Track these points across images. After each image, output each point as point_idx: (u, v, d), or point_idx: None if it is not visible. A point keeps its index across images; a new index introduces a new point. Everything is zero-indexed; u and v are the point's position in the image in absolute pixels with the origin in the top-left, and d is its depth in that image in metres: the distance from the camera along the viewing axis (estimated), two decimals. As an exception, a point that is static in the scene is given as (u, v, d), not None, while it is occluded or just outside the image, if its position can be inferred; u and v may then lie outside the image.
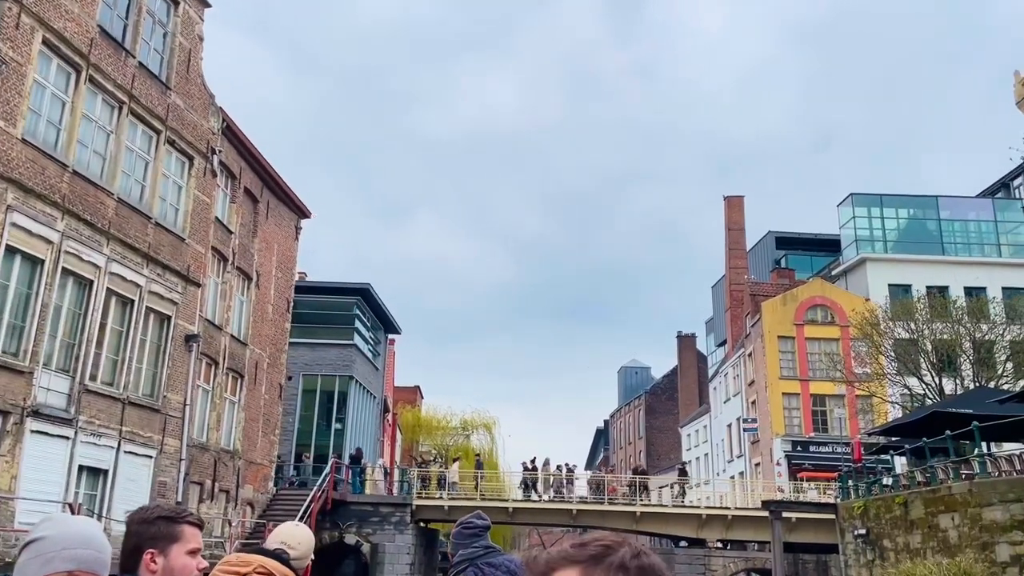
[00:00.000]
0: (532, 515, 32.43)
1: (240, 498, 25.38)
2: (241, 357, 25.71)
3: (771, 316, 41.83)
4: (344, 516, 30.74)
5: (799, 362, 41.20)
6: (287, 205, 29.53)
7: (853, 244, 43.91)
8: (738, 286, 51.01)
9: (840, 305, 41.77)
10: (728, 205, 52.85)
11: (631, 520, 31.78)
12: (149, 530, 2.19)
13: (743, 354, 46.17)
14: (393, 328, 44.42)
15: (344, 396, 36.94)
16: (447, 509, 31.52)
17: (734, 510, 31.94)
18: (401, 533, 30.74)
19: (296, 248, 30.50)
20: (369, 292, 38.21)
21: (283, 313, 29.39)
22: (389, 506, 31.12)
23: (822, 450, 39.56)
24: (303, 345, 37.10)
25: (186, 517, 2.27)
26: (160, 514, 2.25)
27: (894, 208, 44.55)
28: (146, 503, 7.02)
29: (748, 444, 44.63)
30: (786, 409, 40.75)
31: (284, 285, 29.50)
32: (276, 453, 28.76)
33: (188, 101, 22.05)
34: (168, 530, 2.20)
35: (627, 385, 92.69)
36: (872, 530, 22.84)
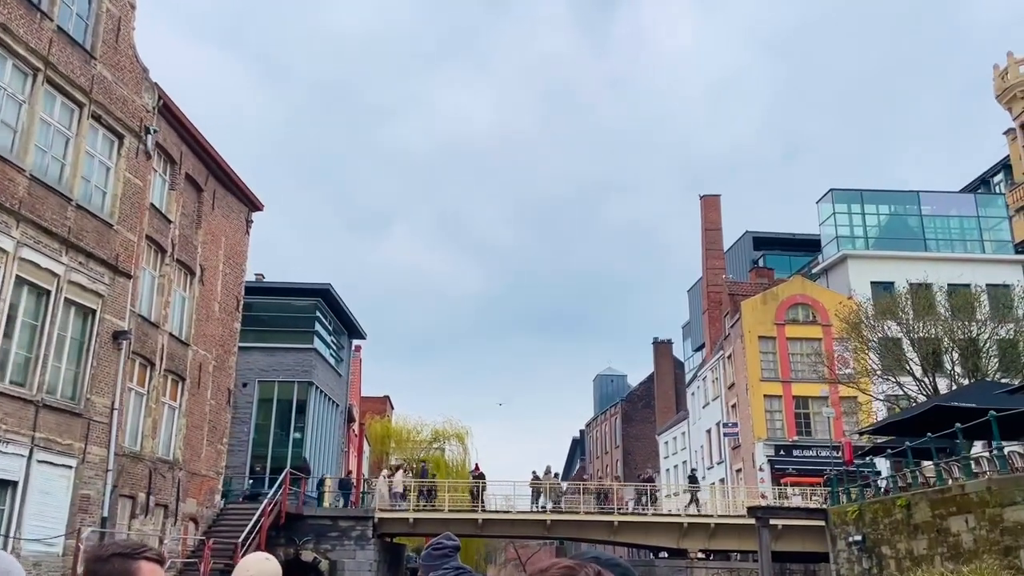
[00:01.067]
0: (504, 527, 30.43)
1: (181, 513, 23.13)
2: (182, 358, 23.52)
3: (751, 316, 40.28)
4: (300, 531, 28.59)
5: (781, 363, 39.66)
6: (236, 195, 27.43)
7: (834, 241, 42.57)
8: (716, 287, 49.50)
9: (822, 304, 40.34)
10: (704, 204, 51.42)
11: (608, 530, 29.91)
12: (103, 568, 2.08)
13: (722, 356, 44.58)
14: (358, 333, 42.25)
15: (304, 404, 34.70)
16: (412, 522, 29.49)
17: (717, 518, 30.17)
18: (362, 548, 28.62)
19: (247, 243, 28.37)
20: (330, 293, 36.08)
21: (232, 312, 27.23)
22: (349, 520, 28.99)
23: (806, 454, 37.98)
24: (259, 350, 34.90)
25: (143, 553, 2.15)
26: (115, 551, 2.13)
27: (874, 204, 43.33)
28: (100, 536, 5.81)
29: (729, 449, 42.96)
30: (768, 412, 39.16)
31: (233, 282, 27.35)
32: (224, 464, 26.51)
33: (117, 74, 19.96)
34: (124, 567, 2.08)
35: (603, 393, 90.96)
36: (869, 536, 21.13)
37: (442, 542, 3.90)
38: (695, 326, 60.93)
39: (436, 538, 3.96)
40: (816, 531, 29.01)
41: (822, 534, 28.23)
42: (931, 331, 32.47)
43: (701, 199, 51.76)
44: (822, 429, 38.90)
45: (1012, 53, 44.06)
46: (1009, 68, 44.21)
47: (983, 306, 34.31)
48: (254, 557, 3.08)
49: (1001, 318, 33.50)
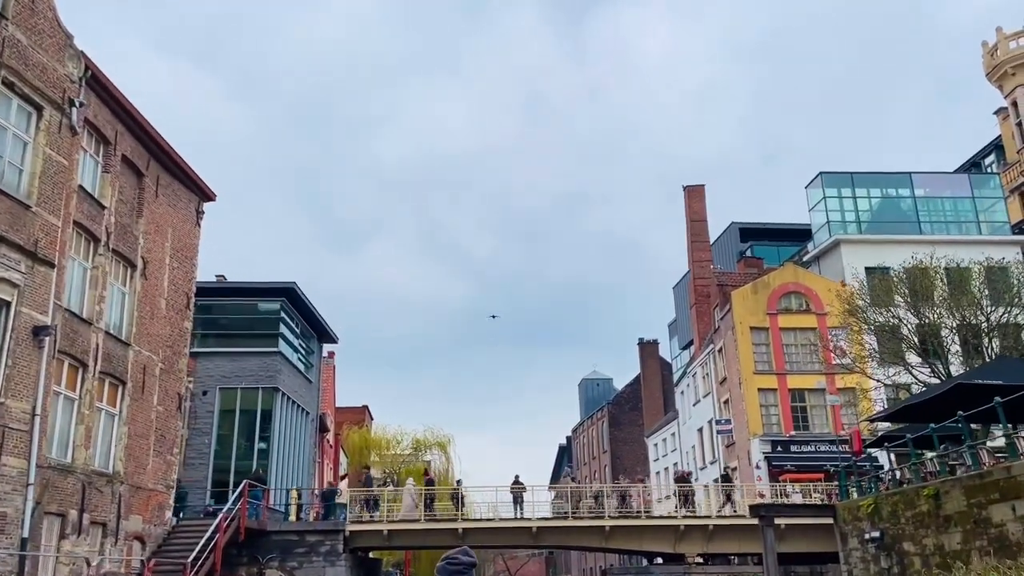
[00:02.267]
0: (486, 536, 28.13)
1: (123, 532, 20.70)
2: (122, 359, 21.15)
3: (741, 306, 38.35)
4: (264, 548, 26.23)
5: (774, 355, 37.73)
6: (184, 183, 25.12)
7: (825, 227, 40.79)
8: (703, 280, 47.60)
9: (815, 292, 38.49)
10: (689, 195, 49.58)
11: (600, 537, 27.74)
12: None
13: (712, 351, 42.62)
14: (328, 336, 39.88)
15: (269, 412, 32.31)
16: (386, 535, 27.18)
17: (715, 519, 28.06)
18: (332, 565, 26.29)
19: (198, 235, 26.05)
20: (295, 293, 33.74)
21: (182, 311, 24.87)
22: (317, 534, 26.64)
23: (804, 450, 36.02)
24: (220, 355, 32.54)
25: None
26: None
27: (865, 188, 41.61)
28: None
29: (722, 448, 40.94)
30: (763, 407, 37.18)
31: (183, 278, 25.01)
32: (175, 476, 24.09)
33: (35, 38, 17.70)
34: None
35: (588, 398, 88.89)
36: (888, 532, 19.10)
37: (458, 558, 3.73)
38: (682, 323, 59.01)
39: (452, 552, 3.78)
40: (823, 529, 26.99)
41: (829, 532, 26.22)
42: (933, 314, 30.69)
43: (685, 189, 49.93)
44: (820, 423, 37.01)
45: (1002, 28, 42.61)
46: (999, 44, 42.75)
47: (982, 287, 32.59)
48: None
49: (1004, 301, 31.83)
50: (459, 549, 3.79)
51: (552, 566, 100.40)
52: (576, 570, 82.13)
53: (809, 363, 37.77)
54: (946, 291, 31.71)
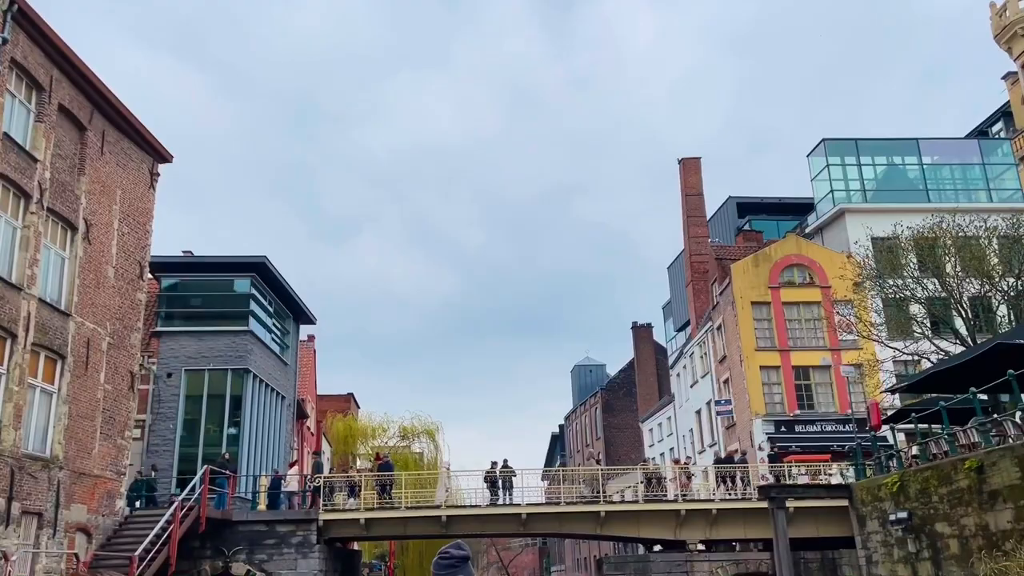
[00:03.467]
0: (472, 524, 26.03)
1: (63, 523, 18.53)
2: (60, 331, 18.94)
3: (742, 280, 36.32)
4: (230, 539, 24.12)
5: (777, 330, 35.72)
6: (135, 141, 22.86)
7: (828, 196, 38.75)
8: (700, 256, 45.54)
9: (819, 264, 36.48)
10: (684, 168, 47.45)
11: (594, 523, 25.72)
12: None
13: (711, 328, 40.60)
14: (305, 317, 37.64)
15: (239, 394, 30.12)
16: (363, 523, 25.07)
17: (719, 502, 26.06)
18: (305, 557, 24.18)
19: (152, 199, 23.81)
20: (266, 268, 31.50)
21: (134, 280, 22.65)
22: (288, 523, 24.54)
23: (810, 430, 34.06)
24: (186, 334, 30.35)
25: None
26: None
27: (870, 155, 39.57)
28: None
29: (722, 430, 38.97)
30: (765, 385, 35.19)
31: (135, 244, 22.79)
32: (127, 462, 21.90)
33: (-56, -40, 15.44)
34: None
35: (581, 385, 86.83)
36: (917, 513, 17.09)
37: (450, 552, 3.71)
38: (677, 304, 57.04)
39: (445, 547, 3.76)
40: (835, 512, 25.06)
41: (843, 515, 24.28)
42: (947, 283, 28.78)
43: (680, 162, 47.79)
44: (826, 401, 35.07)
45: (1011, -13, 40.51)
46: (1008, 4, 40.69)
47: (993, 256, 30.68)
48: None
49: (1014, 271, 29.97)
50: (452, 543, 3.78)
51: (546, 556, 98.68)
52: (570, 560, 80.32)
53: (814, 339, 35.81)
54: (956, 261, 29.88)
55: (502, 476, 26.53)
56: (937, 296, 29.78)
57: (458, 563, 3.65)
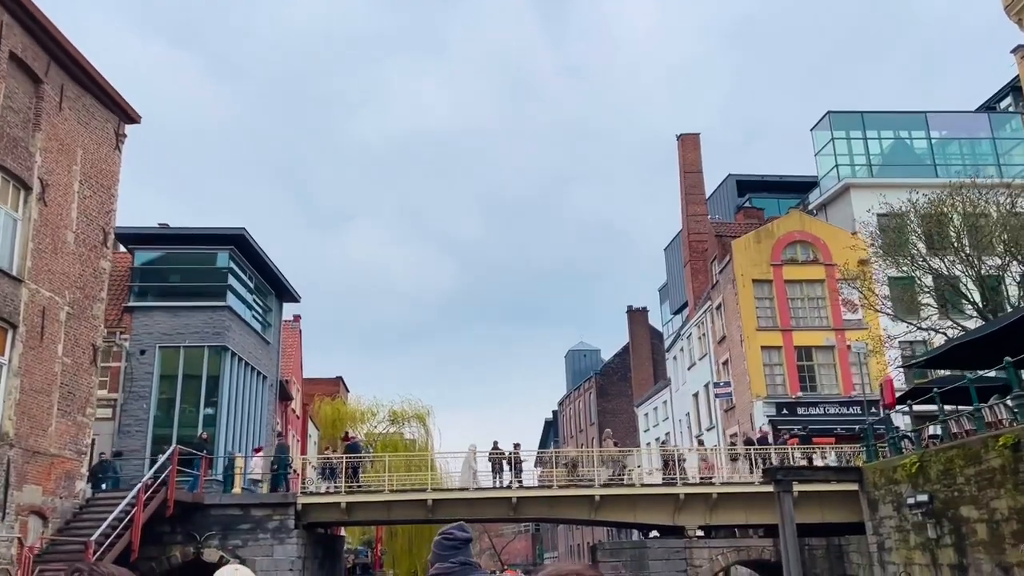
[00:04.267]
0: (460, 508, 24.65)
1: (15, 505, 17.11)
2: (10, 298, 17.47)
3: (743, 257, 34.94)
4: (202, 524, 22.74)
5: (779, 309, 34.39)
6: (98, 99, 21.29)
7: (833, 171, 37.34)
8: (699, 235, 44.15)
9: (823, 241, 35.13)
10: (683, 144, 45.98)
11: (588, 507, 24.42)
12: None
13: (709, 308, 39.25)
14: (289, 295, 36.13)
15: (216, 372, 28.68)
16: (344, 507, 23.68)
17: (719, 486, 24.75)
18: (282, 543, 22.82)
19: (118, 161, 22.26)
20: (245, 240, 29.98)
21: (96, 247, 21.13)
22: (264, 507, 23.17)
23: (812, 412, 32.79)
24: (161, 310, 28.91)
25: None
26: None
27: (876, 130, 38.16)
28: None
29: (721, 413, 37.70)
30: (767, 366, 33.89)
31: (97, 209, 21.25)
32: (88, 441, 20.45)
33: None
34: None
35: (575, 370, 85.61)
36: (938, 496, 15.78)
37: (453, 532, 3.63)
38: (674, 286, 55.71)
39: (447, 527, 3.69)
40: (842, 497, 23.80)
41: (850, 500, 23.02)
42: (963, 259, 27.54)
43: (679, 139, 46.31)
44: (829, 383, 33.79)
45: (1024, -45, 38.95)
46: (1020, -27, 39.12)
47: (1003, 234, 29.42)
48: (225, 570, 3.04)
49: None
50: (455, 524, 3.68)
51: (538, 543, 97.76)
52: (563, 546, 79.31)
53: (817, 318, 34.50)
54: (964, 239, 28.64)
55: (492, 458, 25.18)
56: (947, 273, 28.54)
57: (461, 545, 3.61)
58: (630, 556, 23.74)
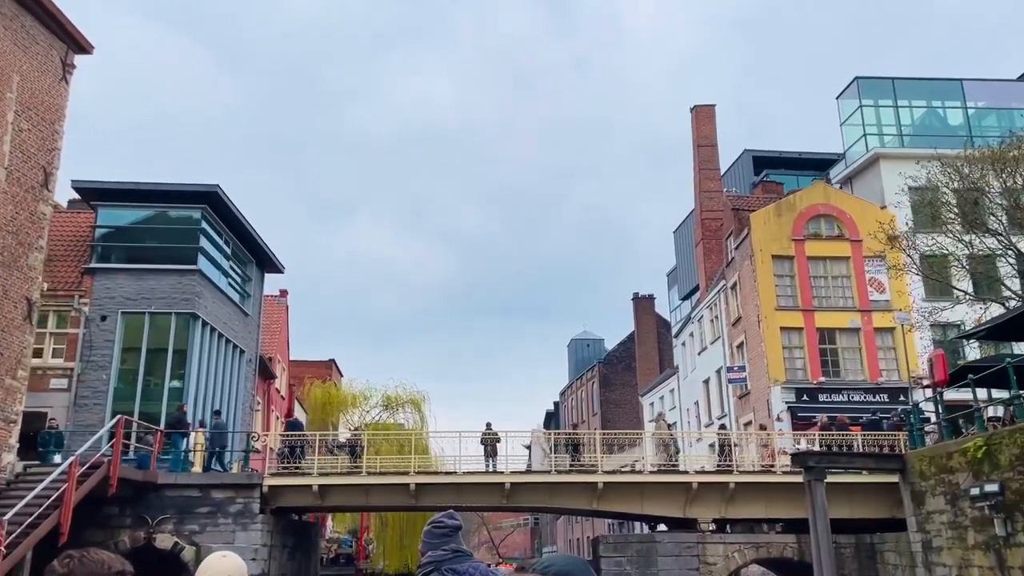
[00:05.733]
0: (448, 494, 22.06)
1: (-83, 478, 14.59)
2: (-82, 235, 14.91)
3: (762, 231, 32.25)
4: (155, 506, 20.25)
5: (800, 288, 31.70)
6: (40, 20, 18.70)
7: (861, 141, 34.59)
8: (712, 213, 41.47)
9: (849, 215, 32.41)
10: (696, 117, 43.27)
11: (590, 495, 21.86)
12: None
13: (723, 288, 36.58)
14: (271, 264, 33.50)
15: (184, 342, 26.13)
16: (317, 491, 21.12)
17: (738, 475, 22.14)
18: (245, 529, 20.30)
19: (64, 94, 19.67)
20: (220, 200, 27.38)
21: (34, 188, 18.56)
22: (226, 489, 20.64)
23: (835, 399, 30.15)
24: (123, 272, 26.43)
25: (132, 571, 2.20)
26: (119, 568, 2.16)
27: (907, 98, 35.41)
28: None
29: (734, 400, 35.07)
30: (786, 349, 31.22)
31: (38, 145, 18.68)
32: (19, 408, 17.89)
33: None
34: None
35: (578, 359, 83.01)
36: (1010, 485, 13.15)
37: (443, 520, 3.69)
38: (684, 269, 53.08)
39: (437, 515, 3.77)
40: (873, 490, 21.30)
41: (883, 493, 20.50)
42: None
43: (692, 111, 43.61)
44: (854, 368, 31.11)
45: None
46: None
47: None
48: (213, 557, 2.93)
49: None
50: (445, 512, 3.73)
51: (537, 537, 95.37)
52: (562, 541, 76.84)
53: (841, 298, 31.83)
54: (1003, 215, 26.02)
55: (484, 440, 22.60)
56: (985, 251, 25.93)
57: (451, 532, 3.64)
58: (636, 551, 21.14)
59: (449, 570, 3.51)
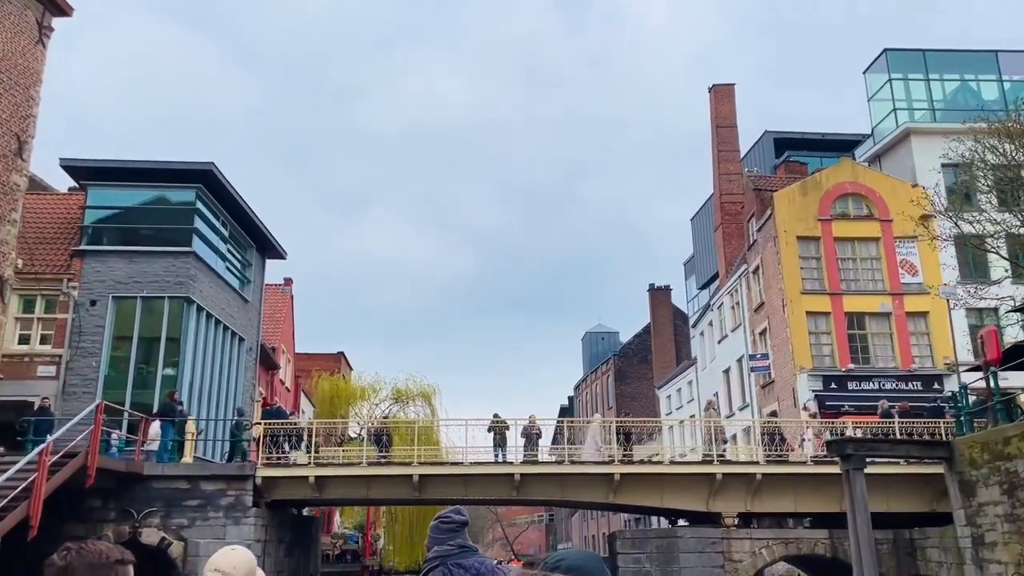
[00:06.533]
0: (453, 485, 20.65)
1: None
2: None
3: (787, 211, 30.63)
4: (141, 499, 18.96)
5: (827, 271, 30.06)
6: (13, -24, 17.42)
7: (891, 116, 32.86)
8: (731, 196, 39.85)
9: (879, 194, 30.72)
10: (715, 96, 41.62)
11: (606, 488, 20.39)
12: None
13: (745, 273, 34.95)
14: (273, 250, 32.14)
15: (178, 327, 24.85)
16: (313, 482, 19.75)
17: (764, 465, 20.60)
18: (237, 523, 18.98)
19: (41, 58, 18.42)
20: (215, 179, 26.06)
21: (8, 158, 17.32)
22: (216, 480, 19.32)
23: (865, 387, 28.51)
24: (114, 255, 25.19)
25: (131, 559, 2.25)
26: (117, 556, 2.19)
27: (939, 72, 33.64)
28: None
29: (756, 389, 33.47)
30: (813, 335, 29.60)
31: (10, 112, 17.43)
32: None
33: None
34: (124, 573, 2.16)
35: (593, 353, 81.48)
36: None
37: (450, 516, 3.71)
38: (702, 257, 51.42)
39: (444, 511, 3.78)
40: (911, 483, 19.79)
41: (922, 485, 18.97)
42: None
43: (711, 90, 41.96)
44: (884, 354, 29.46)
45: None
46: None
47: None
48: (223, 550, 3.02)
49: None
50: (451, 508, 3.77)
51: (552, 534, 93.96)
52: (577, 537, 75.41)
53: (871, 281, 30.18)
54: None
55: (493, 427, 21.16)
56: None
57: (458, 528, 3.65)
58: (656, 547, 19.66)
59: (455, 565, 3.54)
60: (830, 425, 22.09)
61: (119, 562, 2.16)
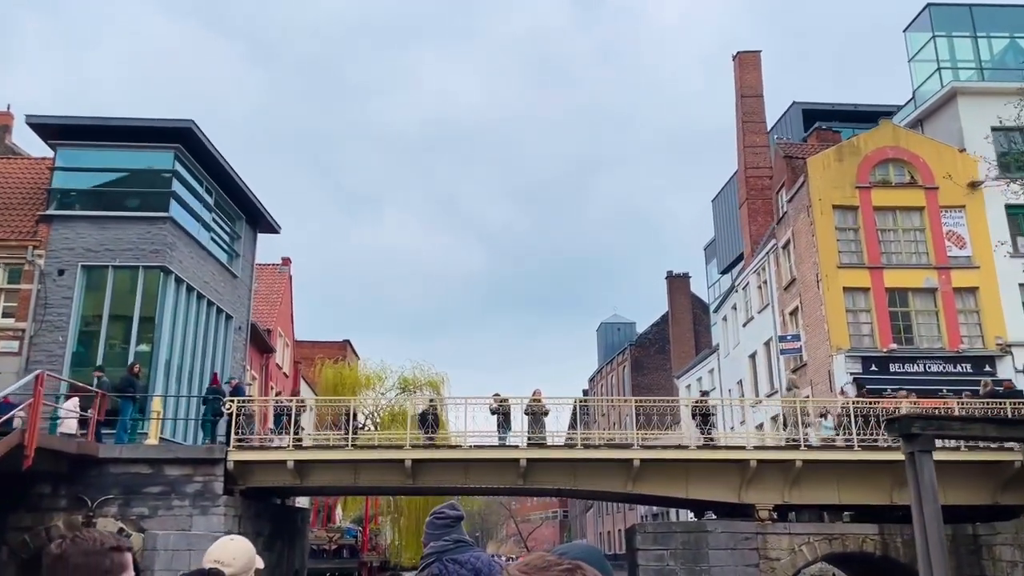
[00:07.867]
0: (451, 472, 18.30)
1: None
2: None
3: (821, 179, 28.04)
4: (96, 485, 16.78)
5: (867, 243, 27.46)
6: None
7: (935, 76, 30.17)
8: (757, 170, 37.31)
9: (923, 159, 28.07)
10: (740, 64, 39.03)
11: (624, 476, 18.00)
12: (100, 562, 2.06)
13: (774, 249, 32.37)
14: (265, 222, 29.86)
15: (154, 300, 22.65)
16: (293, 468, 17.44)
17: (804, 451, 18.11)
18: (204, 513, 16.75)
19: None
20: (195, 138, 23.77)
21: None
22: (182, 464, 17.10)
23: (909, 369, 25.93)
24: (85, 220, 23.07)
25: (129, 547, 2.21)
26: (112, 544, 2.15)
27: (986, 30, 30.92)
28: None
29: (787, 373, 30.89)
30: (850, 312, 27.02)
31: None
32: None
33: None
34: (121, 560, 2.12)
35: (608, 344, 78.97)
36: None
37: (444, 511, 3.73)
38: (724, 240, 48.89)
39: (439, 506, 3.79)
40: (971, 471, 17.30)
41: (985, 476, 16.50)
42: None
43: (735, 58, 39.37)
44: (929, 334, 26.84)
45: None
46: None
47: None
48: (221, 540, 2.96)
49: None
50: (447, 504, 3.76)
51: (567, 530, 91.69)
52: (592, 534, 73.05)
53: (914, 254, 27.58)
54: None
55: (495, 407, 18.80)
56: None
57: (453, 523, 3.63)
58: (681, 543, 17.24)
59: (451, 560, 3.53)
60: (874, 405, 19.55)
61: (114, 549, 2.13)
